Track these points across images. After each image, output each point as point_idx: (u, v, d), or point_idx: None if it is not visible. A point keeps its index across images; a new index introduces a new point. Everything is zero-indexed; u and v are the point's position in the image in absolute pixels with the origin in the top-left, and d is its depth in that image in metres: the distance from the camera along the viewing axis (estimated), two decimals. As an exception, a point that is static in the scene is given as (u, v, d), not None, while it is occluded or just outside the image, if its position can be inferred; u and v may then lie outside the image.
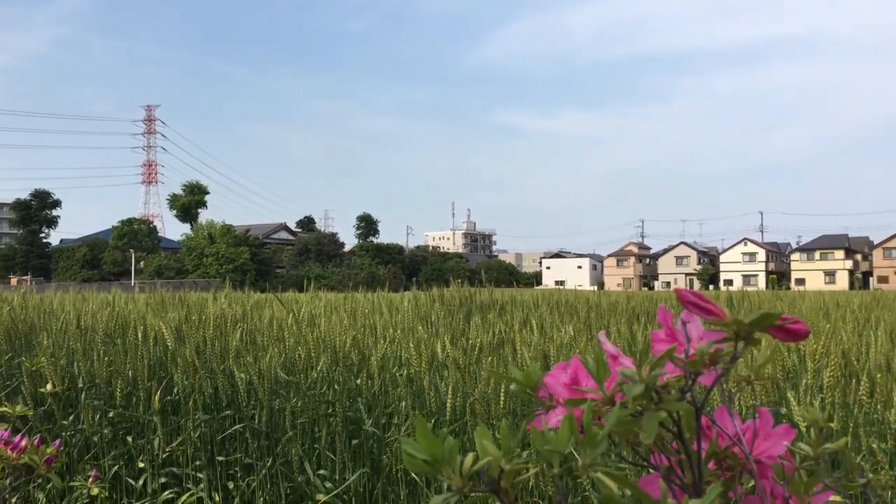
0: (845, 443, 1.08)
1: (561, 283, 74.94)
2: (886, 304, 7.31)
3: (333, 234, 68.55)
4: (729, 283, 70.14)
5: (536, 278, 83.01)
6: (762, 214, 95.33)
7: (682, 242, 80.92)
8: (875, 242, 73.86)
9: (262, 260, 57.05)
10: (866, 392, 2.31)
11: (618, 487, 0.64)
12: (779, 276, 72.43)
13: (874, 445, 2.09)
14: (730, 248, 76.81)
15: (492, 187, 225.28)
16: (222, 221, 58.47)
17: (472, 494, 0.70)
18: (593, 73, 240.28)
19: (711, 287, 66.57)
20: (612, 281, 77.10)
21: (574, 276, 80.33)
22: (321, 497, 2.79)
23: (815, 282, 68.66)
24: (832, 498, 1.76)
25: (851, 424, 2.37)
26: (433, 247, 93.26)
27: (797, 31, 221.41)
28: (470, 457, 0.71)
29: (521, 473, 0.72)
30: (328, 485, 2.87)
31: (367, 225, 76.71)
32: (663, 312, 0.90)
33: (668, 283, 76.10)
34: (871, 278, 70.76)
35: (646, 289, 63.06)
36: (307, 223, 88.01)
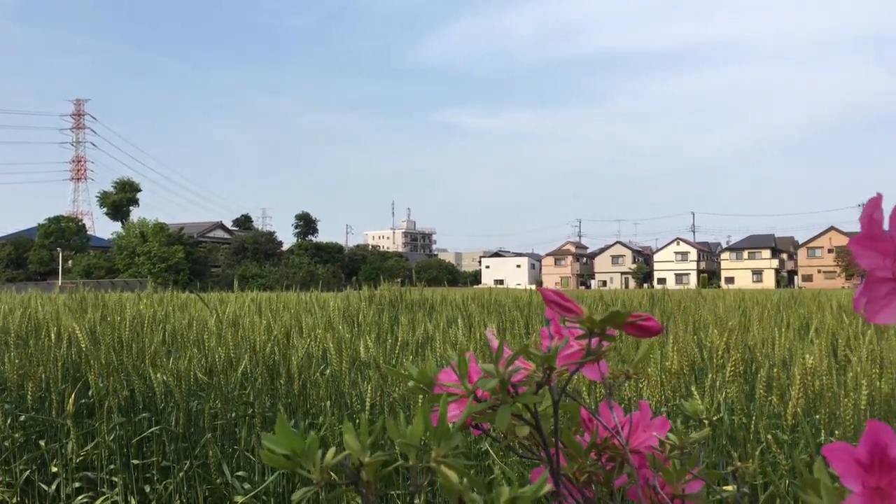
0: (709, 433, 1.14)
1: (500, 281, 75.63)
2: (803, 301, 7.63)
3: (271, 233, 67.51)
4: (662, 281, 71.92)
5: (476, 277, 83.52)
6: (694, 215, 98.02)
7: (617, 242, 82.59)
8: (800, 242, 76.90)
9: (197, 259, 55.74)
10: (764, 386, 2.42)
11: (459, 477, 0.67)
12: (710, 275, 74.69)
13: (769, 437, 2.20)
14: (663, 247, 78.80)
15: (432, 186, 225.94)
16: (155, 220, 57.00)
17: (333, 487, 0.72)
18: (534, 73, 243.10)
19: (646, 285, 68.11)
20: (550, 280, 78.19)
21: (513, 275, 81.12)
22: (239, 498, 2.77)
23: (743, 280, 71.03)
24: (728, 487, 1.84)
25: (754, 417, 2.48)
26: (373, 246, 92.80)
27: (728, 36, 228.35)
28: (331, 451, 0.73)
29: (384, 466, 0.75)
30: (247, 486, 2.85)
31: (306, 223, 75.86)
32: (551, 310, 0.95)
33: (605, 282, 77.57)
34: (796, 277, 73.64)
35: (583, 287, 64.14)
36: (244, 222, 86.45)
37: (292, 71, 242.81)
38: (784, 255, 75.95)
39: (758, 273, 73.09)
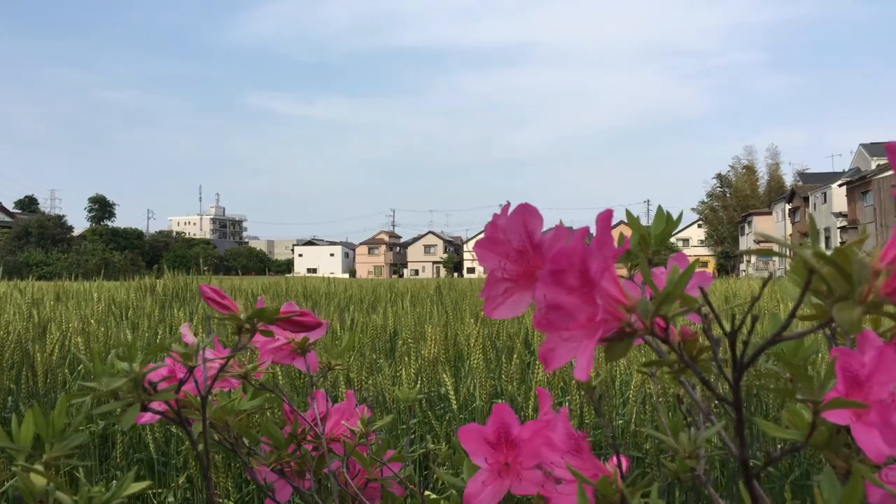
0: (391, 419, 1.21)
1: (313, 270, 74.76)
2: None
3: (60, 217, 61.93)
4: (472, 270, 74.65)
5: (288, 266, 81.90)
6: (502, 207, 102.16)
7: (430, 232, 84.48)
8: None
9: (-30, 244, 49.90)
10: (507, 373, 2.59)
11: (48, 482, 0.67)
12: (515, 265, 78.55)
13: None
14: (473, 237, 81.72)
15: (243, 172, 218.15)
16: (-83, 199, 50.22)
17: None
18: (351, 62, 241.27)
19: (456, 274, 70.33)
20: (364, 268, 78.48)
21: (327, 263, 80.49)
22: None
23: (545, 270, 75.44)
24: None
25: (499, 402, 2.66)
26: (178, 232, 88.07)
27: (543, 39, 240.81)
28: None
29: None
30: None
31: (101, 207, 70.51)
32: (288, 306, 0.95)
33: (417, 271, 79.16)
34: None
35: (396, 276, 65.07)
36: (28, 203, 78.49)
37: (87, 43, 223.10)
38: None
39: (557, 263, 77.92)
